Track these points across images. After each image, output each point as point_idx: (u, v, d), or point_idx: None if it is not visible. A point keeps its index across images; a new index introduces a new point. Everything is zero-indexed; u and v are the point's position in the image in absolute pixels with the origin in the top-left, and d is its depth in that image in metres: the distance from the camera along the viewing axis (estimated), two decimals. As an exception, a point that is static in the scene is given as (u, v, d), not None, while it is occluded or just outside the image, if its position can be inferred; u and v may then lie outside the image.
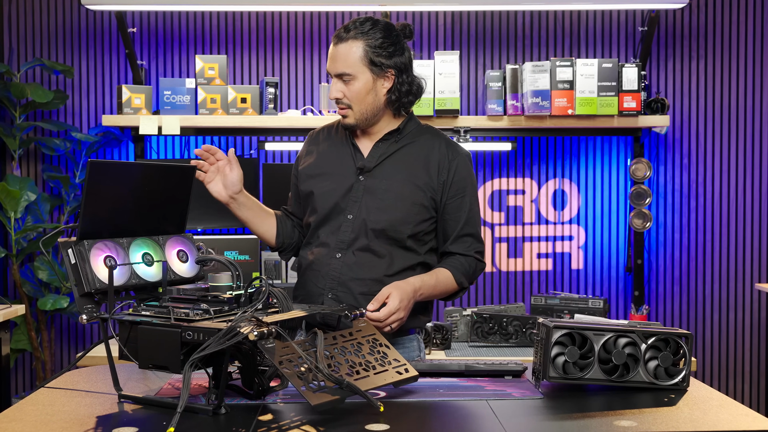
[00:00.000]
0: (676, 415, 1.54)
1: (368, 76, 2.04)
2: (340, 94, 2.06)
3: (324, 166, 2.16)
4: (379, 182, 2.09)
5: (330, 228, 2.11)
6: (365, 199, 2.09)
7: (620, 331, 1.72)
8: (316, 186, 2.14)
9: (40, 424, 1.46)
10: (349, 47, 2.03)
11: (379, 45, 2.04)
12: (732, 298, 4.10)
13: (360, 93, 2.05)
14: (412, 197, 2.08)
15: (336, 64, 2.05)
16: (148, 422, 1.47)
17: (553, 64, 3.60)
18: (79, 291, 1.64)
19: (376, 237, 2.07)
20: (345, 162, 2.14)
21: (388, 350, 1.70)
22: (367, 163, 2.11)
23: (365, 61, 2.03)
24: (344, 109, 2.08)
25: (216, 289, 1.68)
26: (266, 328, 1.45)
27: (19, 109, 3.87)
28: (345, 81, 2.05)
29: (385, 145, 2.13)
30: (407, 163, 2.11)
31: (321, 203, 2.12)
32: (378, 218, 2.07)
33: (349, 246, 2.08)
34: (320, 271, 2.10)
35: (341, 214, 2.10)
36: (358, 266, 2.07)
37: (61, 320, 4.07)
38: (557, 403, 1.63)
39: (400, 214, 2.07)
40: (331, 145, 2.19)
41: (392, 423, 1.45)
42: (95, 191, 1.64)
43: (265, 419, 1.49)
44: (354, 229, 2.08)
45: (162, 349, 1.53)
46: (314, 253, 2.13)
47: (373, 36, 2.04)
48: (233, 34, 4.04)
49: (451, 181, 2.11)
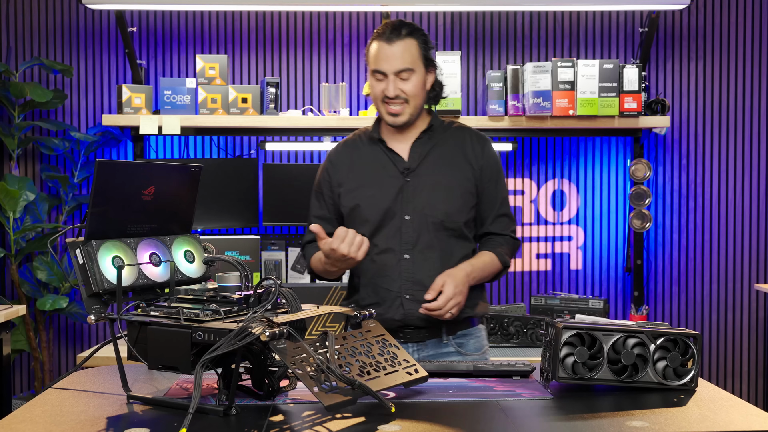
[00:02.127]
0: (687, 415, 1.54)
1: (423, 72, 2.14)
2: (399, 90, 2.11)
3: (362, 178, 2.19)
4: (426, 179, 2.15)
5: (388, 232, 2.14)
6: (418, 198, 2.14)
7: (629, 331, 1.72)
8: (360, 197, 2.16)
9: (51, 424, 1.46)
10: (407, 44, 2.11)
11: (425, 42, 2.15)
12: (731, 298, 4.11)
13: (418, 87, 2.12)
14: (461, 187, 2.16)
15: (396, 60, 2.10)
16: (159, 423, 1.47)
17: (554, 65, 3.60)
18: (87, 291, 1.63)
19: (436, 231, 2.13)
20: (386, 167, 2.18)
21: (397, 350, 1.69)
22: (411, 164, 2.16)
23: (421, 57, 2.13)
24: (401, 105, 2.12)
25: (224, 289, 1.68)
26: (278, 329, 1.45)
27: (18, 108, 3.86)
28: (404, 78, 2.10)
29: (422, 142, 2.19)
30: (447, 156, 2.19)
31: (371, 212, 2.14)
32: (435, 212, 2.13)
33: (414, 245, 2.13)
34: (391, 276, 2.13)
35: (395, 217, 2.14)
36: (428, 263, 2.12)
37: (59, 320, 4.05)
38: (567, 403, 1.63)
39: (454, 204, 2.15)
40: (359, 156, 2.22)
41: (404, 424, 1.45)
42: (103, 191, 1.64)
43: (276, 420, 1.49)
44: (415, 228, 2.13)
45: (172, 350, 1.52)
46: (377, 261, 2.14)
47: (421, 34, 2.14)
48: (234, 34, 4.04)
49: (485, 165, 2.20)
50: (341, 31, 4.04)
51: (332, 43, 4.04)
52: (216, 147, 4.02)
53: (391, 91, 2.11)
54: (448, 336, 2.16)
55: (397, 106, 2.12)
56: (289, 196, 3.79)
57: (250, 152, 4.03)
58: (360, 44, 4.04)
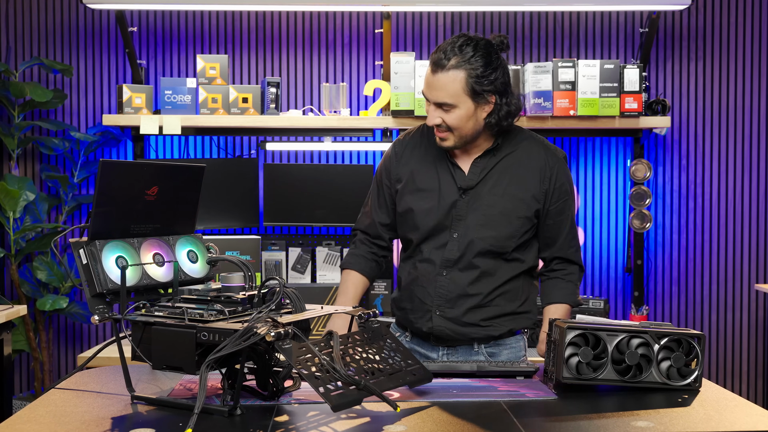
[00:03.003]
0: (692, 415, 1.54)
1: (469, 105, 2.00)
2: (439, 120, 2.02)
3: (421, 182, 2.13)
4: (482, 199, 2.08)
5: (434, 244, 2.11)
6: (470, 217, 2.08)
7: (633, 331, 1.72)
8: (415, 203, 2.12)
9: (56, 425, 1.45)
10: (451, 78, 1.98)
11: (480, 74, 1.98)
12: (731, 298, 4.12)
13: (461, 120, 2.01)
14: (516, 211, 2.08)
15: (437, 93, 2.00)
16: (163, 423, 1.47)
17: (554, 65, 3.60)
18: (90, 291, 1.63)
19: (482, 255, 2.07)
20: (444, 179, 2.11)
21: (402, 351, 1.69)
22: (469, 182, 2.09)
23: (467, 91, 1.98)
24: (445, 132, 2.04)
25: (228, 289, 1.68)
26: (283, 329, 1.45)
27: (18, 108, 3.85)
28: (445, 110, 2.01)
29: (485, 160, 2.11)
30: (509, 176, 2.10)
31: (423, 221, 2.11)
32: (484, 235, 2.07)
33: (455, 264, 2.08)
34: (427, 288, 2.11)
35: (445, 231, 2.09)
36: (465, 284, 2.08)
37: (59, 321, 4.04)
38: (571, 403, 1.63)
39: (505, 230, 2.07)
40: (424, 157, 2.15)
41: (409, 424, 1.45)
42: (106, 191, 1.63)
43: (281, 420, 1.48)
44: (460, 248, 2.08)
45: (176, 350, 1.52)
46: (418, 268, 2.13)
47: (475, 63, 1.98)
48: (234, 34, 4.03)
49: (553, 189, 2.11)
50: (342, 31, 4.03)
51: (333, 43, 4.04)
52: (216, 147, 4.02)
53: (430, 121, 2.04)
54: (480, 344, 2.13)
55: (442, 132, 2.05)
56: (290, 196, 3.79)
57: (251, 152, 4.03)
58: (361, 44, 4.03)
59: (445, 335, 2.10)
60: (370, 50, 4.03)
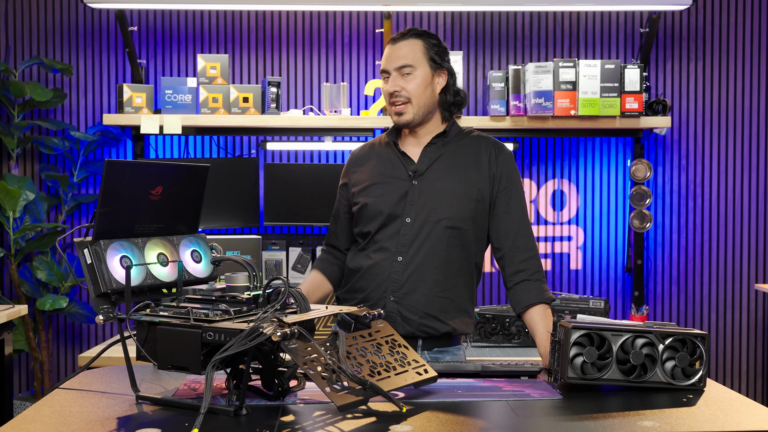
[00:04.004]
0: (698, 415, 1.54)
1: (427, 71, 2.13)
2: (399, 87, 2.12)
3: (374, 177, 2.20)
4: (432, 183, 2.15)
5: (388, 233, 2.15)
6: (421, 201, 2.14)
7: (638, 331, 1.73)
8: (368, 196, 2.18)
9: (61, 425, 1.45)
10: (411, 43, 2.14)
11: (435, 45, 2.16)
12: (731, 298, 4.12)
13: (420, 86, 2.12)
14: (467, 194, 2.14)
15: (397, 58, 2.13)
16: (169, 423, 1.46)
17: (556, 65, 3.60)
18: (95, 291, 1.63)
19: (435, 236, 2.12)
20: (396, 169, 2.19)
21: (407, 351, 1.69)
22: (419, 167, 2.16)
23: (425, 55, 2.14)
24: (403, 104, 2.13)
25: (233, 289, 1.68)
26: (289, 329, 1.44)
27: (18, 107, 3.84)
28: (405, 75, 2.12)
29: (434, 148, 2.18)
30: (457, 162, 2.17)
31: (376, 211, 2.16)
32: (437, 218, 2.12)
33: (409, 248, 2.12)
34: (381, 275, 2.14)
35: (398, 218, 2.14)
36: (419, 269, 2.12)
37: (58, 320, 4.03)
38: (577, 403, 1.63)
39: (457, 211, 2.13)
40: (375, 157, 2.24)
41: (416, 424, 1.45)
42: (111, 191, 1.63)
43: (287, 420, 1.48)
44: (414, 232, 2.12)
45: (182, 350, 1.52)
46: (372, 258, 2.16)
47: (431, 40, 2.16)
48: (234, 33, 4.03)
49: (501, 174, 2.16)
50: (343, 31, 4.03)
51: (334, 42, 4.03)
52: (216, 146, 4.01)
53: (390, 86, 2.13)
54: (423, 351, 2.15)
55: (400, 104, 2.13)
56: (290, 196, 3.78)
57: (251, 152, 4.02)
58: (361, 44, 4.03)
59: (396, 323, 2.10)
60: (370, 50, 4.03)
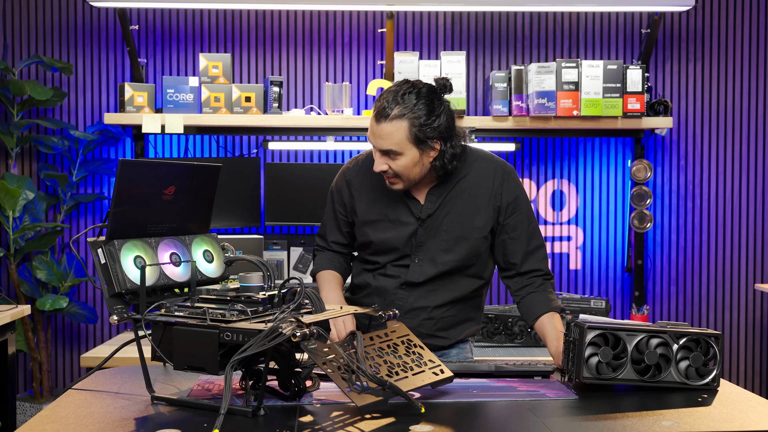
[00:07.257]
0: (714, 415, 1.54)
1: (414, 152, 2.01)
2: (386, 167, 2.03)
3: (379, 214, 2.15)
4: (439, 224, 2.11)
5: (397, 263, 2.14)
6: (429, 243, 2.11)
7: (652, 331, 1.73)
8: (375, 235, 2.15)
9: (79, 426, 1.44)
10: (395, 127, 1.98)
11: (423, 122, 1.99)
12: (732, 298, 4.14)
13: (407, 168, 2.03)
14: (474, 233, 2.11)
15: (381, 141, 2.01)
16: (187, 424, 1.45)
17: (558, 66, 3.61)
18: (109, 291, 1.62)
19: (444, 276, 2.12)
20: (399, 209, 2.13)
21: (423, 351, 1.69)
22: (425, 211, 2.11)
23: (411, 139, 1.99)
24: (394, 178, 2.06)
25: (248, 289, 1.67)
26: (308, 329, 1.44)
27: (17, 106, 3.82)
28: (391, 158, 2.02)
29: (440, 189, 2.12)
30: (464, 201, 2.12)
31: (384, 249, 2.15)
32: (446, 260, 2.11)
33: (416, 281, 2.13)
34: (386, 299, 2.14)
35: (407, 257, 2.13)
36: (425, 297, 2.13)
37: (57, 321, 4.01)
38: (593, 403, 1.63)
39: (465, 251, 2.11)
40: (376, 185, 2.15)
41: (435, 424, 1.45)
42: (125, 191, 1.62)
43: (306, 420, 1.48)
44: (423, 272, 2.12)
45: (199, 351, 1.51)
46: (379, 280, 2.17)
47: (418, 112, 1.98)
48: (236, 33, 4.01)
49: (506, 204, 2.12)
50: (345, 31, 4.03)
51: (336, 42, 4.03)
52: (217, 146, 4.00)
53: (377, 166, 2.04)
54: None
55: (391, 178, 2.07)
56: (292, 196, 3.78)
57: (251, 151, 4.01)
58: (363, 43, 4.03)
59: None
60: (372, 49, 4.03)
